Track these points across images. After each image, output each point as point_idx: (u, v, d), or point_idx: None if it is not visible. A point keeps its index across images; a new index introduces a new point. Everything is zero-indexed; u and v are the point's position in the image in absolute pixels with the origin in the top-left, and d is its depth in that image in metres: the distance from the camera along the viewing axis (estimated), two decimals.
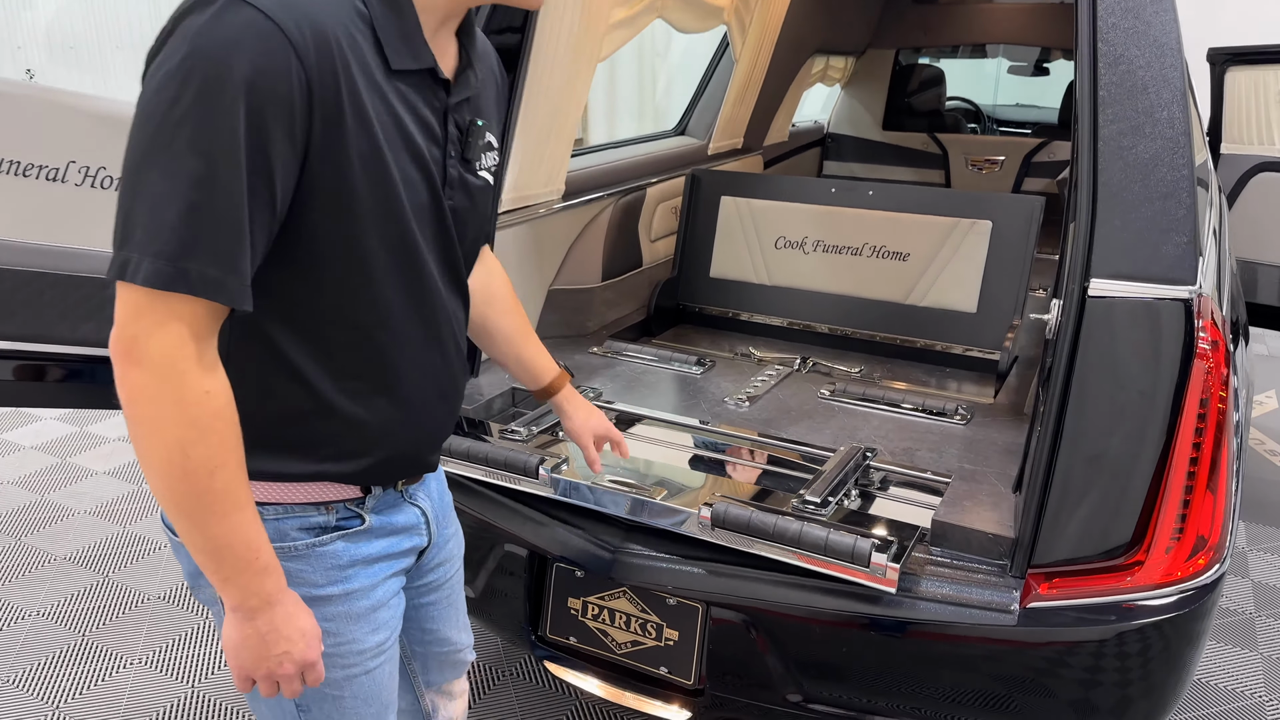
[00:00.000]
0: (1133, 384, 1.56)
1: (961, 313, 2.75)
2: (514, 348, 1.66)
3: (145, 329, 0.99)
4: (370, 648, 1.32)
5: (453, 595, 1.58)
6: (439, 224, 1.21)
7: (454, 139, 1.21)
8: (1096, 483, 1.60)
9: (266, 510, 1.21)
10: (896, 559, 1.60)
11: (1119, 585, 1.63)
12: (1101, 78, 1.58)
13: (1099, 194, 1.57)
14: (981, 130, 5.41)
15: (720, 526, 1.72)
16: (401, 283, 1.18)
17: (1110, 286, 1.55)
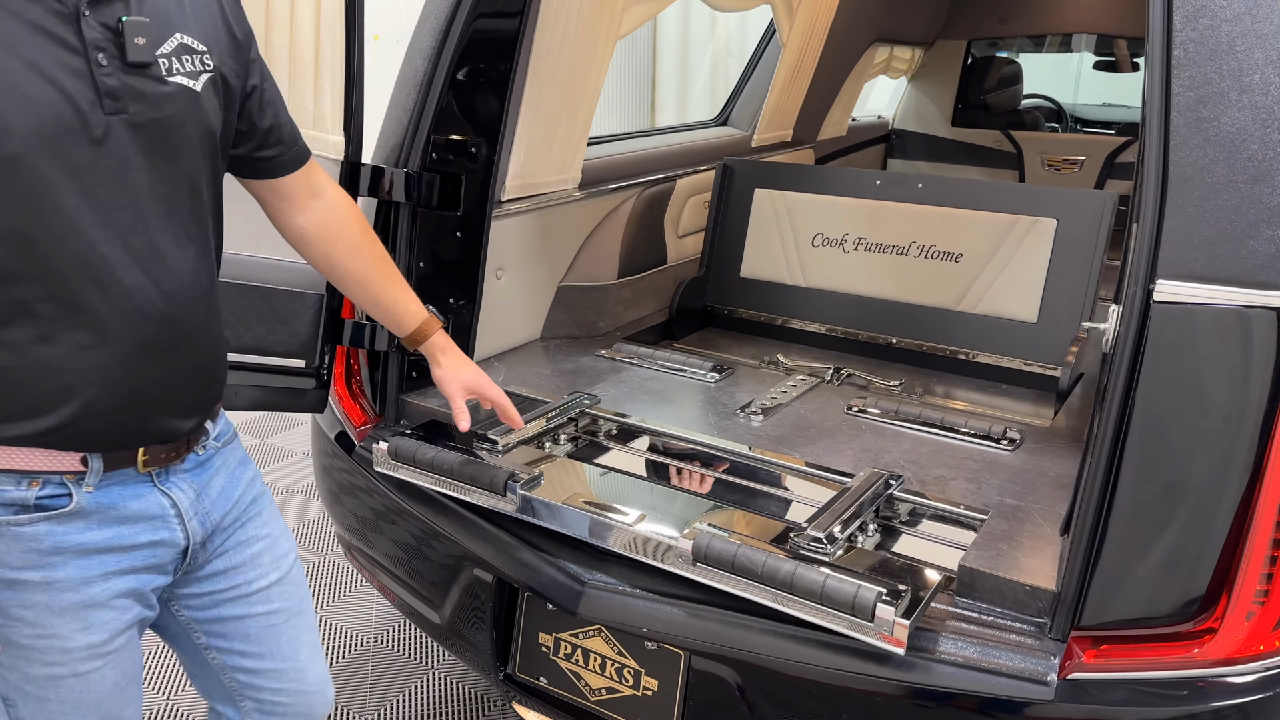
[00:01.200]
0: (1210, 408, 1.27)
1: (1020, 322, 2.44)
2: (369, 291, 1.55)
3: None
4: (79, 648, 1.19)
5: (275, 614, 1.40)
6: (101, 144, 1.08)
7: (99, 43, 1.07)
8: (1161, 528, 1.31)
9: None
10: (907, 613, 1.32)
11: (1185, 657, 1.33)
12: (1177, 33, 1.28)
13: (1169, 176, 1.28)
14: (1063, 130, 5.03)
15: (702, 561, 1.46)
16: (46, 211, 1.05)
17: (1181, 290, 1.26)
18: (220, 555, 1.35)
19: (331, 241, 1.49)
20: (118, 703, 1.26)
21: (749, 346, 2.69)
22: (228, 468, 1.36)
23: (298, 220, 1.47)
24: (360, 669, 2.57)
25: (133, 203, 1.12)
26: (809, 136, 3.91)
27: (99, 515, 1.18)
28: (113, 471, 1.19)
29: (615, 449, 2.00)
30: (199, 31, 1.19)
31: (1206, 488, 1.29)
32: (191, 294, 1.20)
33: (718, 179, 2.82)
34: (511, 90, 2.15)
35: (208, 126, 1.20)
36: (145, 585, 1.25)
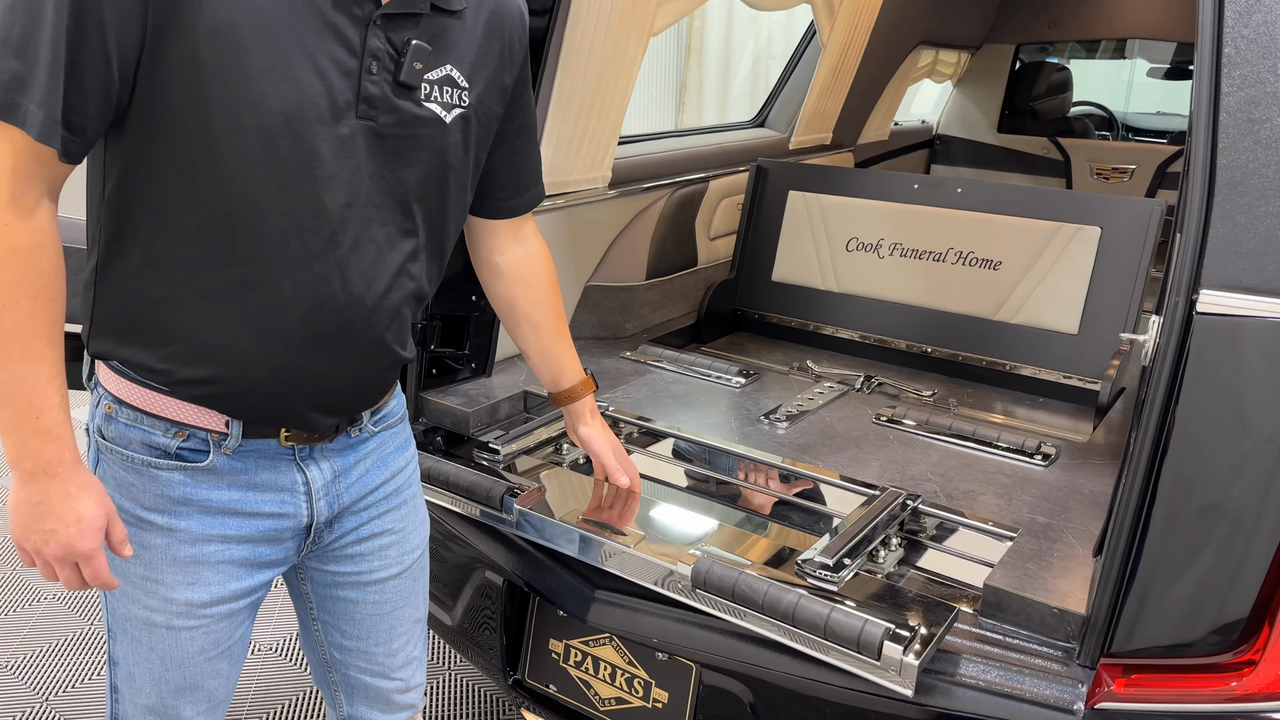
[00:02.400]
0: (1253, 427, 1.19)
1: (1060, 333, 2.35)
2: (540, 340, 1.59)
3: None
4: (181, 601, 1.22)
5: (384, 605, 1.41)
6: (343, 142, 1.12)
7: (378, 54, 1.13)
8: (1199, 551, 1.23)
9: (122, 411, 1.17)
10: (918, 652, 1.25)
11: (1223, 690, 1.26)
12: (1228, 30, 1.21)
13: (1216, 180, 1.20)
14: (1113, 138, 4.89)
15: (701, 588, 1.40)
16: (268, 186, 1.09)
17: (1226, 301, 1.19)
18: (350, 541, 1.35)
19: (521, 284, 1.54)
20: (203, 671, 1.28)
21: (778, 352, 2.64)
22: (380, 452, 1.36)
23: (496, 258, 1.51)
24: None
25: (352, 202, 1.15)
26: (849, 140, 3.84)
27: (230, 477, 1.21)
28: (253, 440, 1.21)
29: (633, 454, 1.96)
30: (469, 67, 1.24)
31: (1248, 510, 1.21)
32: (376, 302, 1.20)
33: (751, 180, 2.76)
34: (541, 86, 2.12)
35: (445, 156, 1.23)
36: (260, 558, 1.26)
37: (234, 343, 1.14)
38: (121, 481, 1.19)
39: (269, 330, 1.15)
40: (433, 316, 2.02)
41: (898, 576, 1.55)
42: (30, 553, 1.11)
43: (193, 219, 1.09)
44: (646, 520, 1.60)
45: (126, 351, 1.16)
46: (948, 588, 1.53)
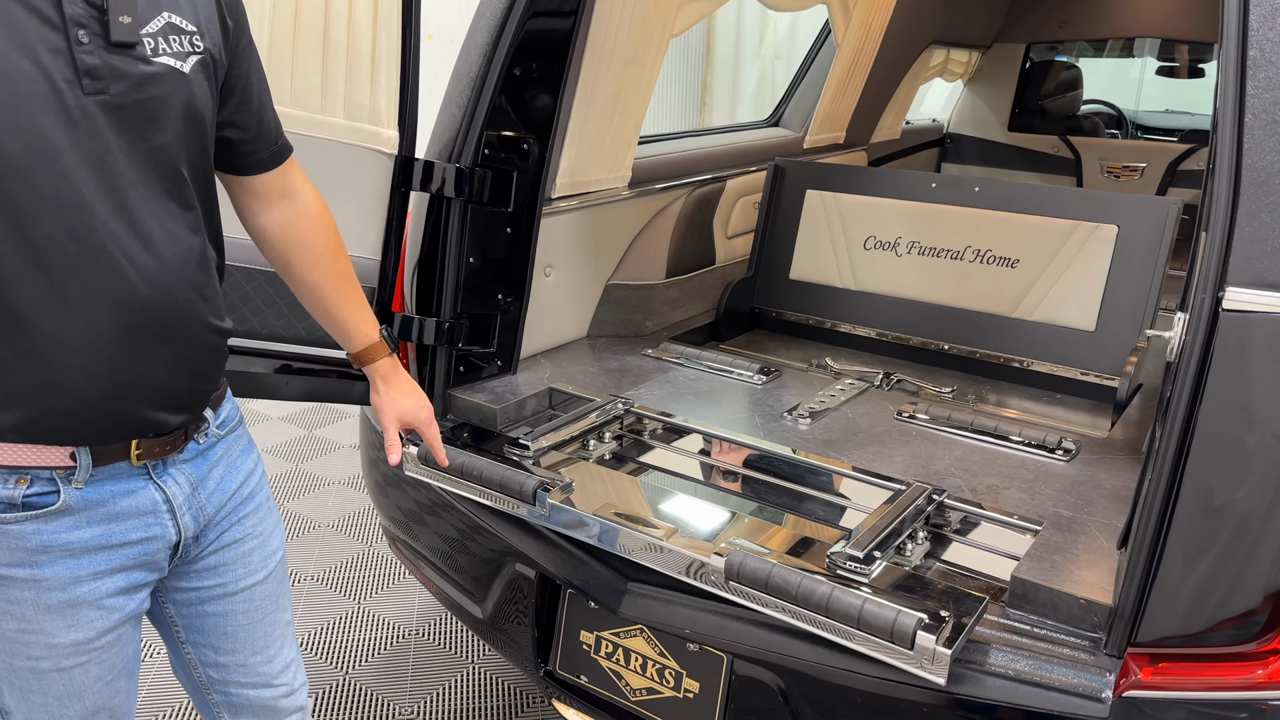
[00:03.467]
0: (1278, 422, 1.21)
1: (1077, 331, 2.38)
2: (323, 304, 1.46)
3: None
4: (64, 644, 1.18)
5: (254, 611, 1.38)
6: (76, 124, 1.03)
7: (80, 19, 1.03)
8: (1224, 544, 1.26)
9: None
10: (950, 641, 1.28)
11: (1248, 678, 1.28)
12: (1254, 32, 1.24)
13: (1242, 180, 1.23)
14: (1123, 136, 4.91)
15: (735, 580, 1.43)
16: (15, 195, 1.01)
17: (1254, 298, 1.22)
18: (212, 552, 1.32)
19: (291, 247, 1.41)
20: (102, 694, 1.25)
21: (796, 350, 2.66)
22: (229, 457, 1.33)
23: (261, 219, 1.39)
24: (401, 661, 2.58)
25: (113, 186, 1.07)
26: (862, 139, 3.86)
27: (88, 513, 1.16)
28: (103, 466, 1.15)
29: (658, 449, 1.99)
30: (189, 12, 1.14)
31: (1274, 503, 1.24)
32: (179, 281, 1.14)
33: (769, 179, 2.79)
34: (564, 87, 2.15)
35: (195, 109, 1.15)
36: (137, 582, 1.23)
37: (44, 370, 1.07)
38: None
39: (78, 345, 1.08)
40: (460, 315, 2.05)
41: (925, 569, 1.58)
42: None
43: None
44: (676, 514, 1.63)
45: None
46: (975, 580, 1.56)
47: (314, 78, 1.81)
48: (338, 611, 2.80)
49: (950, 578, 1.55)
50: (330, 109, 1.84)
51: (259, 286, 1.85)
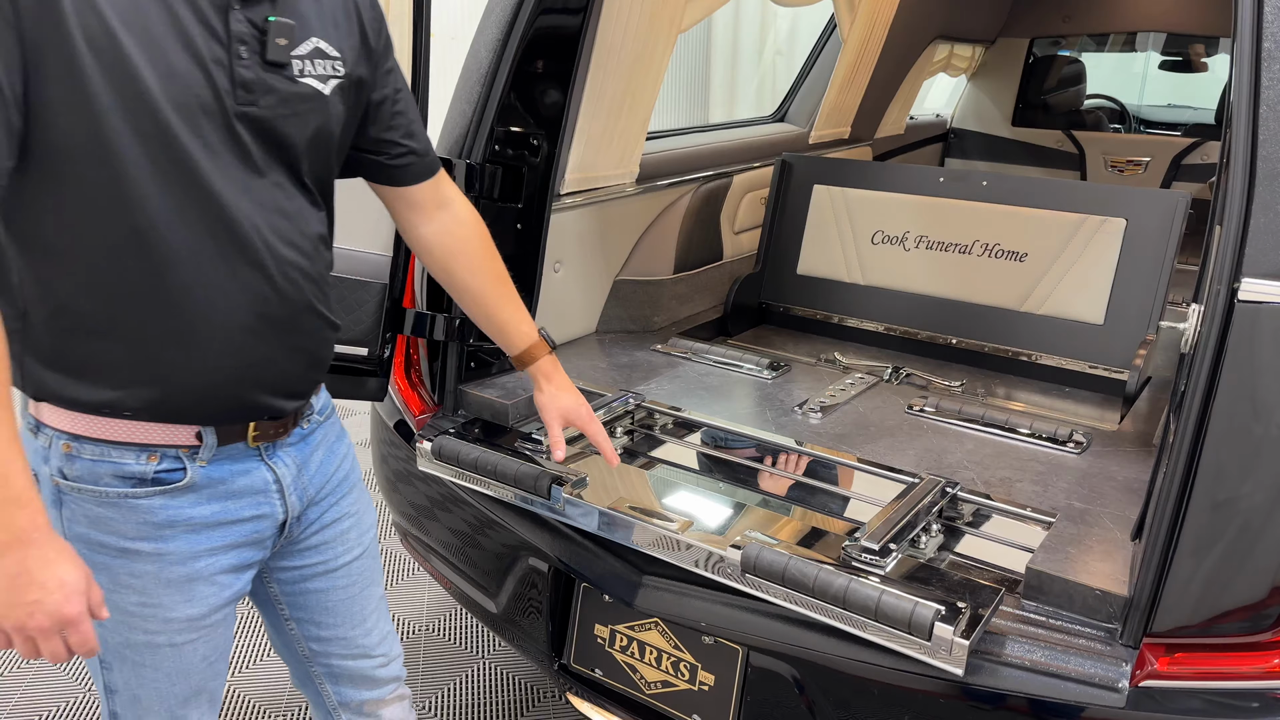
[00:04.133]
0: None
1: (1086, 324, 2.38)
2: (483, 307, 1.58)
3: None
4: (180, 619, 1.24)
5: (353, 586, 1.46)
6: (231, 129, 1.13)
7: (243, 37, 1.13)
8: (1240, 534, 1.26)
9: (84, 447, 1.16)
10: (967, 632, 1.28)
11: (1264, 667, 1.29)
12: (1268, 25, 1.24)
13: (1257, 171, 1.23)
14: (1126, 130, 4.91)
15: (751, 573, 1.44)
16: (164, 184, 1.09)
17: (1269, 289, 1.22)
18: (314, 531, 1.39)
19: (452, 255, 1.53)
20: (205, 675, 1.31)
21: (804, 344, 2.67)
22: (327, 442, 1.40)
23: (422, 230, 1.50)
24: (412, 656, 2.59)
25: (255, 186, 1.17)
26: (867, 134, 3.87)
27: (209, 489, 1.23)
28: (224, 446, 1.23)
29: (670, 443, 2.00)
30: (335, 39, 1.25)
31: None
32: (305, 275, 1.24)
33: (776, 175, 2.80)
34: (574, 84, 2.15)
35: (329, 128, 1.25)
36: (246, 560, 1.30)
37: (186, 351, 1.15)
38: (96, 518, 1.18)
39: (219, 330, 1.16)
40: None
41: (939, 561, 1.58)
42: (9, 631, 1.04)
43: (106, 242, 1.09)
44: (690, 508, 1.64)
45: (75, 389, 1.14)
46: (989, 571, 1.56)
47: None
48: None
49: (965, 570, 1.55)
50: None
51: None
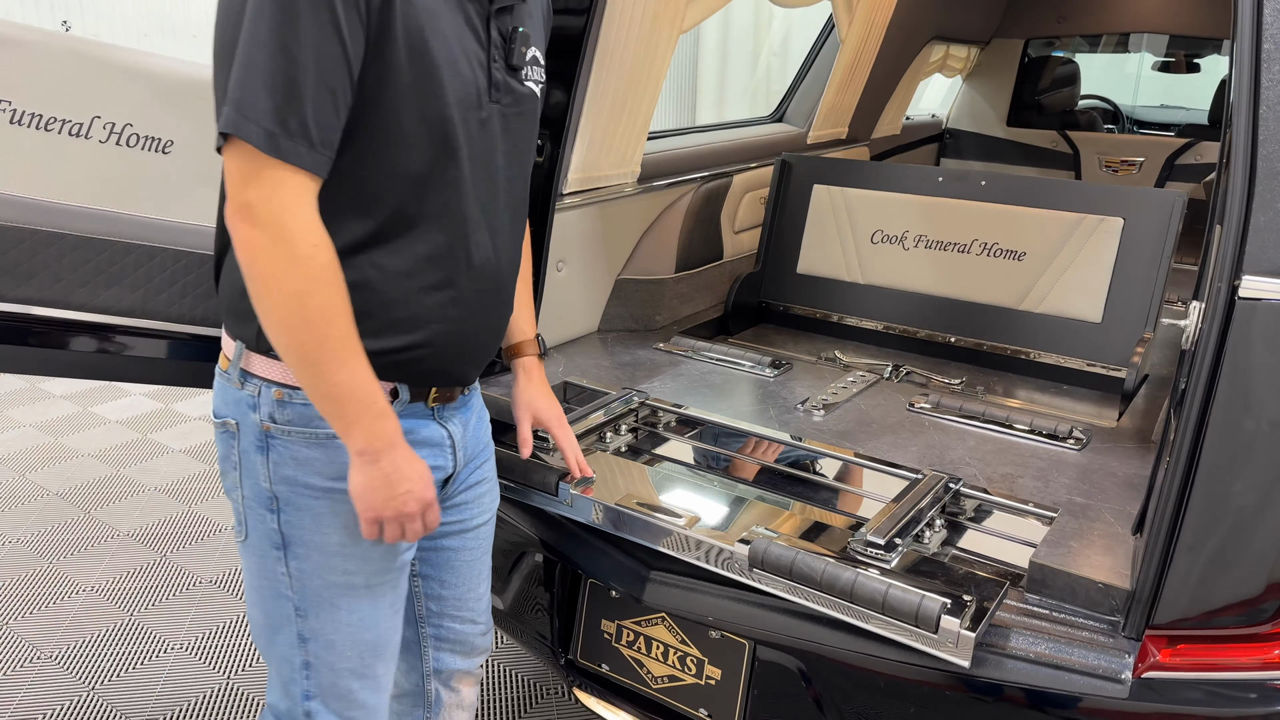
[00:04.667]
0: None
1: (1084, 322, 2.41)
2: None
3: (260, 194, 1.11)
4: (375, 559, 1.33)
5: (477, 550, 1.55)
6: (484, 124, 1.29)
7: (497, 44, 1.30)
8: (1239, 529, 1.28)
9: (296, 393, 1.25)
10: (973, 624, 1.30)
11: (1262, 659, 1.31)
12: (1267, 26, 1.26)
13: (1257, 170, 1.25)
14: (1120, 131, 4.95)
15: (759, 567, 1.46)
16: (447, 168, 1.25)
17: (1268, 286, 1.24)
18: (460, 490, 1.49)
19: None
20: (391, 625, 1.39)
21: (804, 343, 2.69)
22: (478, 408, 1.51)
23: None
24: None
25: (494, 177, 1.32)
26: (864, 134, 3.89)
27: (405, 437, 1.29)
28: (411, 404, 1.33)
29: (674, 441, 2.01)
30: (541, 48, 1.42)
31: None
32: (512, 263, 1.39)
33: (776, 174, 2.81)
34: (577, 84, 2.17)
35: (536, 125, 1.43)
36: None
37: (425, 311, 1.28)
38: (304, 459, 1.27)
39: (450, 296, 1.29)
40: None
41: (943, 556, 1.60)
42: (389, 519, 1.24)
43: (383, 208, 1.22)
44: (697, 504, 1.65)
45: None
46: (993, 566, 1.58)
47: None
48: None
49: (969, 564, 1.57)
50: None
51: None
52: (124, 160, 1.73)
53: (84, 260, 1.75)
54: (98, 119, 1.71)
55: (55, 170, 1.69)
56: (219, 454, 1.34)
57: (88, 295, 1.77)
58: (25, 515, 3.30)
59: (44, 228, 1.70)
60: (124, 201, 1.75)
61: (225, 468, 1.33)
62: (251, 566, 1.35)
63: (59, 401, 4.29)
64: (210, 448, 3.87)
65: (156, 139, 1.76)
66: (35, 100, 1.65)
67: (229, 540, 3.17)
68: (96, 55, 1.69)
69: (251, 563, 1.35)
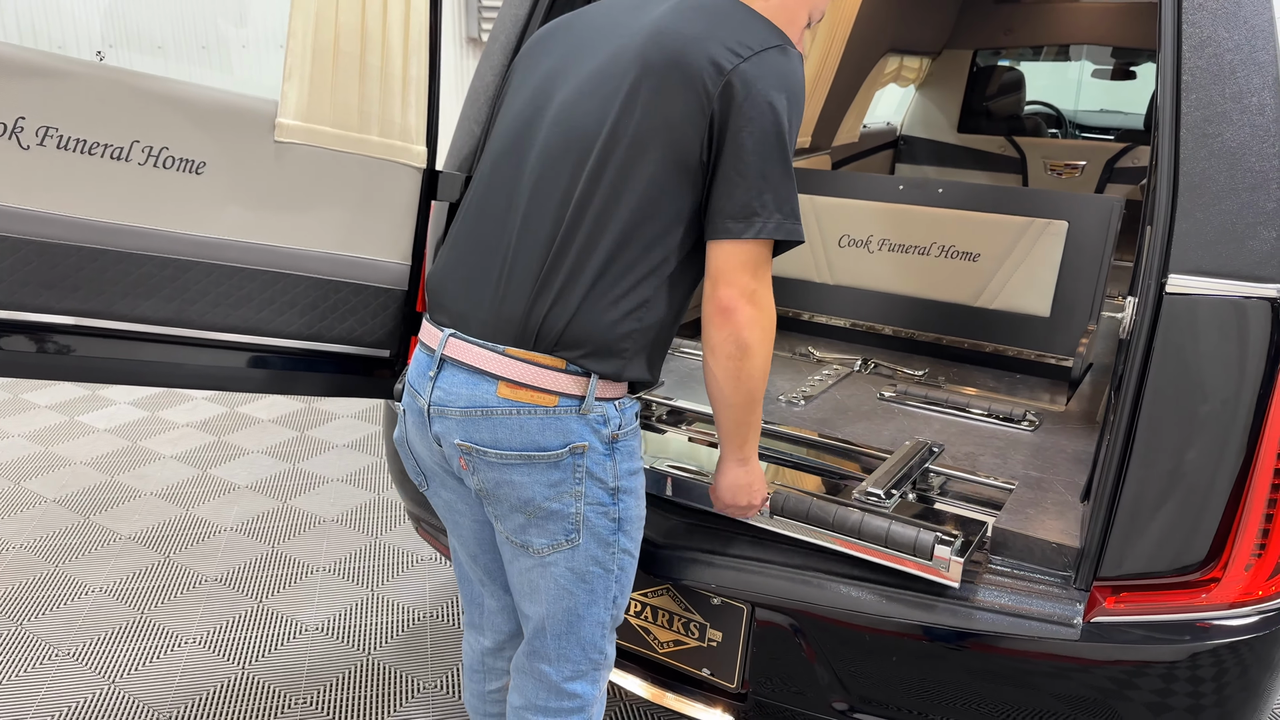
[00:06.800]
0: (1213, 389, 1.46)
1: (1034, 317, 2.64)
2: None
3: (761, 281, 1.40)
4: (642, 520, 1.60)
5: None
6: None
7: None
8: (1171, 493, 1.50)
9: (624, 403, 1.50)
10: (961, 553, 1.55)
11: (1192, 602, 1.53)
12: (1186, 60, 1.48)
13: (1180, 184, 1.47)
14: (1063, 135, 5.23)
15: (779, 514, 1.69)
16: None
17: (1190, 283, 1.46)
18: None
19: None
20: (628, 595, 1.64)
21: (780, 340, 2.88)
22: None
23: None
24: (420, 640, 2.75)
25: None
26: (825, 143, 4.10)
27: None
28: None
29: (671, 431, 2.20)
30: None
31: (1210, 457, 1.47)
32: None
33: None
34: None
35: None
36: None
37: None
38: (631, 450, 1.52)
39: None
40: None
41: (929, 504, 1.83)
42: (747, 506, 1.62)
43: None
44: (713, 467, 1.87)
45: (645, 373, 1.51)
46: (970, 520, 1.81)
47: (352, 99, 1.98)
48: (353, 599, 2.96)
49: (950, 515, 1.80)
50: (367, 128, 2.01)
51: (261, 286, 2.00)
52: (161, 180, 1.87)
53: (125, 274, 1.89)
54: (137, 143, 1.85)
55: (98, 191, 1.83)
56: (553, 479, 1.46)
57: (128, 306, 1.91)
58: (25, 522, 3.39)
59: (88, 244, 1.84)
60: (161, 219, 1.89)
61: (565, 488, 1.46)
62: (579, 564, 1.51)
63: (44, 412, 4.36)
64: (201, 453, 3.97)
65: (190, 160, 1.90)
66: (80, 126, 1.78)
67: (230, 540, 3.29)
68: (134, 84, 1.83)
69: (580, 559, 1.51)
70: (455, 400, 1.46)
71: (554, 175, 1.45)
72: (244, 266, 1.97)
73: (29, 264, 1.79)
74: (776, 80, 1.37)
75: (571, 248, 1.41)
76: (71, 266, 1.84)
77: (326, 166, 1.98)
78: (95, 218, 1.84)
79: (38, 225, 1.78)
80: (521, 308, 1.43)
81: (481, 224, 1.54)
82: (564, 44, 1.56)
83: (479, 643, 1.81)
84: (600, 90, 1.43)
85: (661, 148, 1.39)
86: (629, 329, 1.42)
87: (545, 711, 1.62)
